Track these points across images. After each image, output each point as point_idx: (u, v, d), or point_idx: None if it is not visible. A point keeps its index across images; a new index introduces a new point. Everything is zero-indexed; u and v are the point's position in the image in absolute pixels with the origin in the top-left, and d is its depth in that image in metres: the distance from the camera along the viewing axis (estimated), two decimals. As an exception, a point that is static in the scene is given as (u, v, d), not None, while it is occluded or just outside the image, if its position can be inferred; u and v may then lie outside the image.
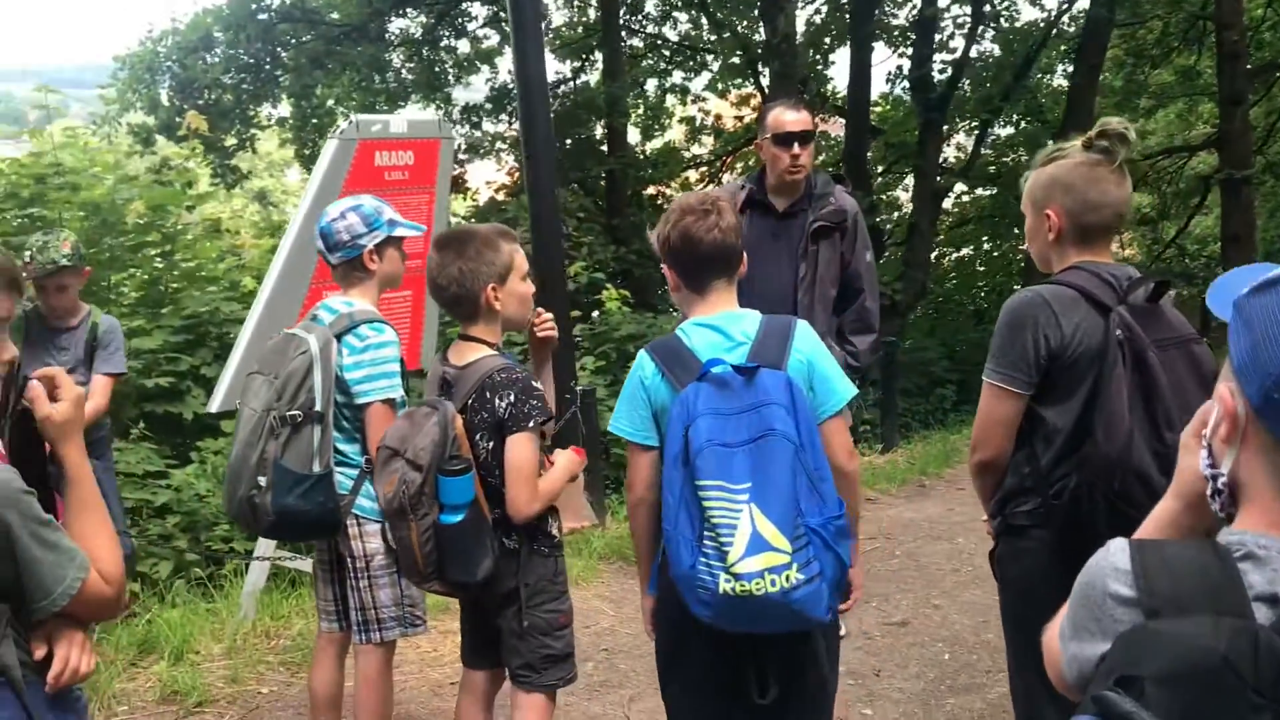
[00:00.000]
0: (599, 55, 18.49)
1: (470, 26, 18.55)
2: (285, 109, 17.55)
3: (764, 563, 2.18)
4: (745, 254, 2.59)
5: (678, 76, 20.49)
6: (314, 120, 17.24)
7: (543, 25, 18.65)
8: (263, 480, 2.97)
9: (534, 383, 2.82)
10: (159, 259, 8.03)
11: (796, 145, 4.22)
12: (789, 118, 4.25)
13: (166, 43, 16.13)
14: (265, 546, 4.94)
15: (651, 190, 19.86)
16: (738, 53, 18.10)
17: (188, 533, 5.95)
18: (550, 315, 3.09)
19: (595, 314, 11.46)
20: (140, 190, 7.79)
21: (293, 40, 16.39)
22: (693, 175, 20.92)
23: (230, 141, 16.62)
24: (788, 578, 2.18)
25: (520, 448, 2.74)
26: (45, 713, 1.71)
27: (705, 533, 2.23)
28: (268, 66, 16.40)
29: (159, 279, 7.86)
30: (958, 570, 5.80)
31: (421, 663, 4.62)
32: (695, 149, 21.44)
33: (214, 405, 4.74)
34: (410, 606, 3.26)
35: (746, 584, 2.17)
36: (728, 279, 2.55)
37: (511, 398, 2.74)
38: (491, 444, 2.78)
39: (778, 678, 2.42)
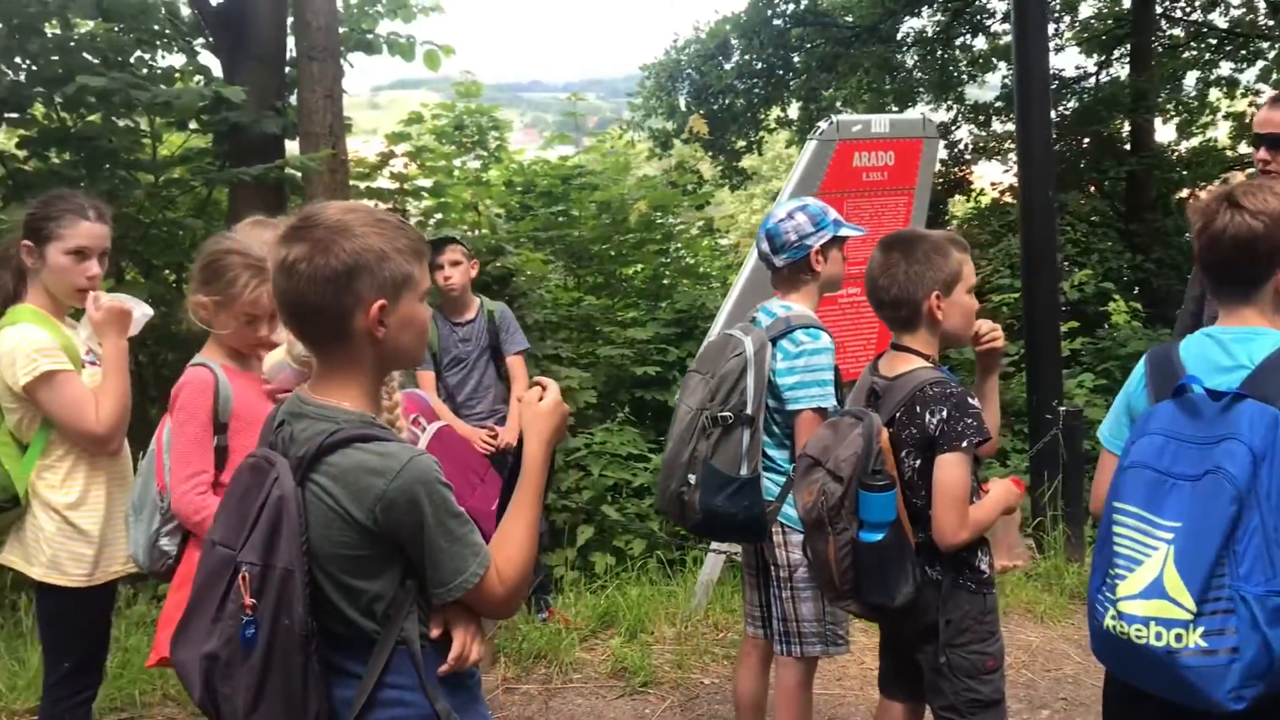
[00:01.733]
0: (1129, 46, 17.01)
1: (988, 23, 17.85)
2: (793, 111, 17.96)
3: (1153, 610, 1.91)
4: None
5: (1225, 68, 18.31)
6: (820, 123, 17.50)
7: (1065, 18, 17.69)
8: (692, 478, 2.98)
9: (970, 399, 2.57)
10: (662, 256, 8.58)
11: (1264, 148, 3.64)
12: (1263, 115, 3.69)
13: (689, 51, 17.17)
14: (722, 538, 5.03)
15: (1184, 193, 17.94)
16: (1304, 38, 15.80)
17: (660, 515, 6.27)
18: (995, 325, 2.81)
19: (1104, 327, 10.57)
20: (645, 190, 8.35)
21: (805, 44, 16.73)
22: (1237, 177, 18.53)
23: (739, 144, 17.34)
24: (1179, 636, 1.87)
25: (950, 469, 2.51)
26: (437, 686, 1.80)
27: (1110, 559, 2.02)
28: (779, 72, 16.87)
29: (660, 274, 8.38)
30: None
31: (863, 679, 4.46)
32: (1243, 148, 19.04)
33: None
34: (833, 625, 3.12)
35: (1127, 626, 1.94)
36: (1243, 290, 2.18)
37: (944, 414, 2.52)
38: (919, 462, 2.58)
39: None
